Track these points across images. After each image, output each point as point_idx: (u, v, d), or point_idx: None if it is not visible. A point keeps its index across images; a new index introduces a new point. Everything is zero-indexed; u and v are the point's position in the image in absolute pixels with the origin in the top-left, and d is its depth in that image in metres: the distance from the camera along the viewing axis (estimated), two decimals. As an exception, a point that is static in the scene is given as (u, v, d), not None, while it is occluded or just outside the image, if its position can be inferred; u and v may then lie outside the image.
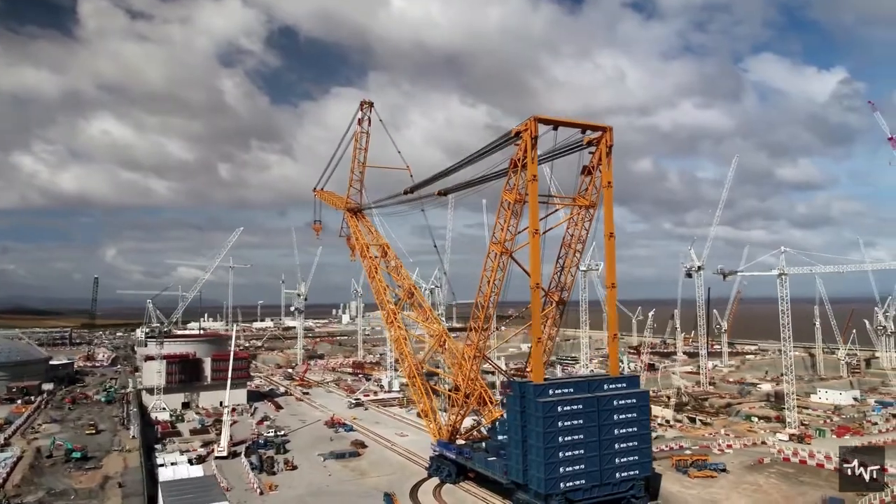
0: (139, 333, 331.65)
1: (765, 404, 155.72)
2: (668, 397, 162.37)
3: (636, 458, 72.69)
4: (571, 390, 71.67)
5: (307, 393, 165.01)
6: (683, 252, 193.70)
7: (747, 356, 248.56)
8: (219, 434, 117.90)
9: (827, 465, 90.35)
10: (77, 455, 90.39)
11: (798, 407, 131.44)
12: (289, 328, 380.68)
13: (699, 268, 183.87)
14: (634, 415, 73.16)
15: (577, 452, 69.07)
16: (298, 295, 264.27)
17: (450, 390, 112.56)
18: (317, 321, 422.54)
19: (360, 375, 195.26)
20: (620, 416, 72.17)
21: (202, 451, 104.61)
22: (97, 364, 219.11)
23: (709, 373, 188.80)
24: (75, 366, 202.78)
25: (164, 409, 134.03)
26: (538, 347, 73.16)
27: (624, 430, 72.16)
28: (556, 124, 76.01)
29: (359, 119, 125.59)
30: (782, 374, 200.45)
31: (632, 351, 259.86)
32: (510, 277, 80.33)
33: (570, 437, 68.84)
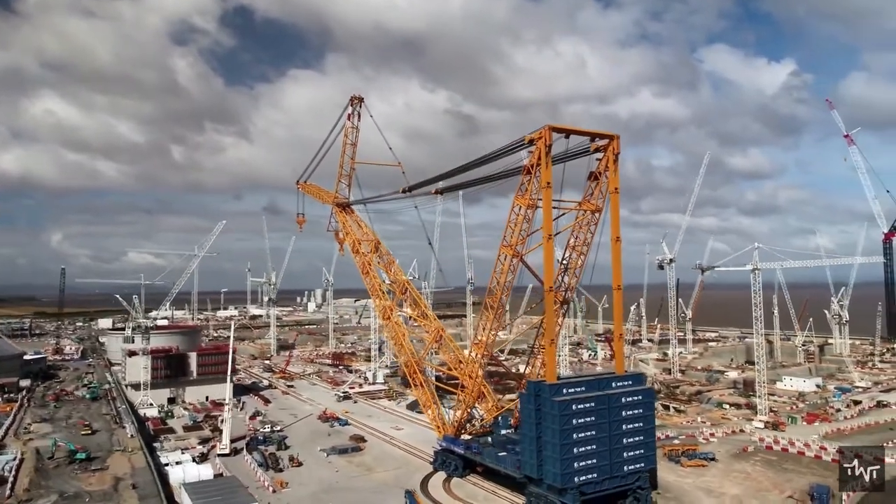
0: (109, 324, 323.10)
1: (733, 391, 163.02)
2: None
3: (642, 451, 76.61)
4: (583, 389, 75.08)
5: (291, 386, 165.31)
6: (640, 239, 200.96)
7: (710, 343, 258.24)
8: (212, 430, 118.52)
9: (807, 453, 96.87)
10: (81, 456, 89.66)
11: (771, 394, 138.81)
12: (255, 317, 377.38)
13: (671, 260, 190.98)
14: (640, 411, 77.06)
15: (589, 448, 72.51)
16: (271, 285, 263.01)
17: (438, 379, 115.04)
18: (282, 309, 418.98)
19: (341, 367, 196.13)
20: (628, 413, 75.93)
21: (200, 448, 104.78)
22: (67, 357, 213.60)
23: (671, 361, 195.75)
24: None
25: (150, 404, 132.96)
26: (552, 348, 76.26)
27: (631, 426, 75.99)
28: (568, 133, 78.64)
29: (349, 114, 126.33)
30: (746, 362, 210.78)
31: (598, 338, 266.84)
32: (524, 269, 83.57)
33: (583, 434, 72.19)
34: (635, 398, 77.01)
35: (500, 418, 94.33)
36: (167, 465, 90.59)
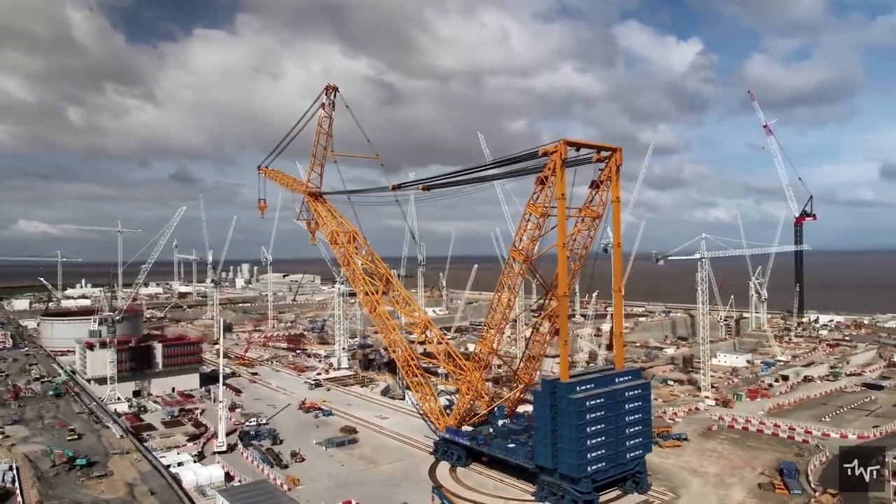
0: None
1: (674, 368, 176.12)
2: (587, 363, 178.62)
3: (641, 439, 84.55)
4: (592, 386, 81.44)
5: (255, 373, 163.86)
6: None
7: (639, 318, 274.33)
8: (195, 425, 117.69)
9: (765, 431, 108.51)
10: (81, 462, 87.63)
11: (702, 370, 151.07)
12: (184, 294, 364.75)
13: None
14: (640, 403, 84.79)
15: (600, 440, 79.40)
16: (213, 267, 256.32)
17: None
18: (209, 286, 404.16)
19: (299, 351, 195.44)
20: (630, 406, 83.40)
21: (191, 445, 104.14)
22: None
23: (607, 335, 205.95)
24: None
25: (119, 399, 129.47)
26: (565, 349, 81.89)
27: (632, 417, 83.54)
28: (579, 146, 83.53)
29: (322, 103, 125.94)
30: (678, 338, 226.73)
31: (534, 314, 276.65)
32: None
33: (595, 427, 78.94)
34: (636, 392, 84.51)
35: (495, 409, 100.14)
36: (168, 466, 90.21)
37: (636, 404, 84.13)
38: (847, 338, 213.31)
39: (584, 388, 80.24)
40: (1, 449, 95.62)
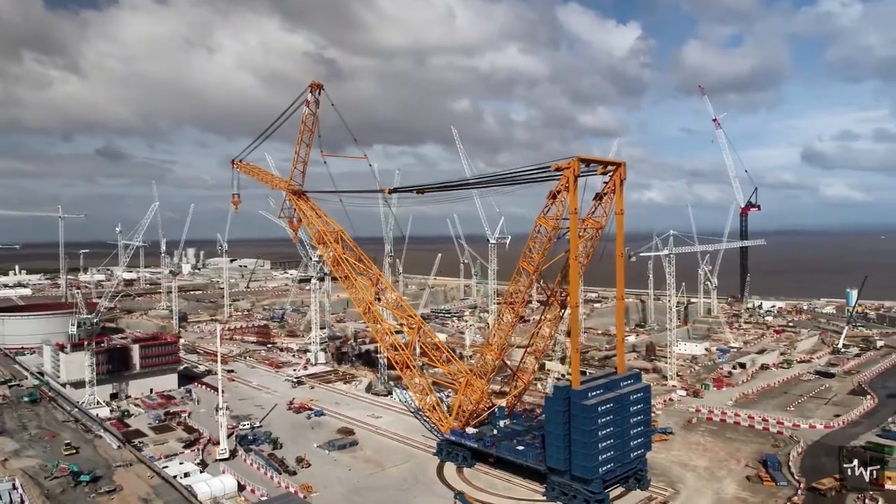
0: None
1: (637, 356, 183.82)
2: (554, 351, 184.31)
3: (643, 438, 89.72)
4: (602, 391, 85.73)
5: (231, 370, 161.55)
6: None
7: (594, 304, 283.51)
8: (187, 430, 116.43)
9: (741, 422, 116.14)
10: (86, 478, 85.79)
11: (664, 357, 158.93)
12: (130, 282, 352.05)
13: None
14: (642, 405, 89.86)
15: (609, 442, 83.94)
16: (169, 254, 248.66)
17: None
18: (154, 272, 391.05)
19: (270, 345, 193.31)
20: (634, 408, 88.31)
21: (189, 453, 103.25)
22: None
23: (566, 321, 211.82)
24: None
25: (99, 403, 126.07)
26: (576, 356, 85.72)
27: (636, 419, 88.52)
28: (589, 162, 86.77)
29: (307, 101, 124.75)
30: (637, 326, 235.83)
31: (499, 301, 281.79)
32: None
33: (605, 431, 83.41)
34: (639, 395, 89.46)
35: (496, 409, 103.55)
36: (175, 477, 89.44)
37: (639, 406, 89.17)
38: (791, 324, 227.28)
39: (595, 393, 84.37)
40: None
